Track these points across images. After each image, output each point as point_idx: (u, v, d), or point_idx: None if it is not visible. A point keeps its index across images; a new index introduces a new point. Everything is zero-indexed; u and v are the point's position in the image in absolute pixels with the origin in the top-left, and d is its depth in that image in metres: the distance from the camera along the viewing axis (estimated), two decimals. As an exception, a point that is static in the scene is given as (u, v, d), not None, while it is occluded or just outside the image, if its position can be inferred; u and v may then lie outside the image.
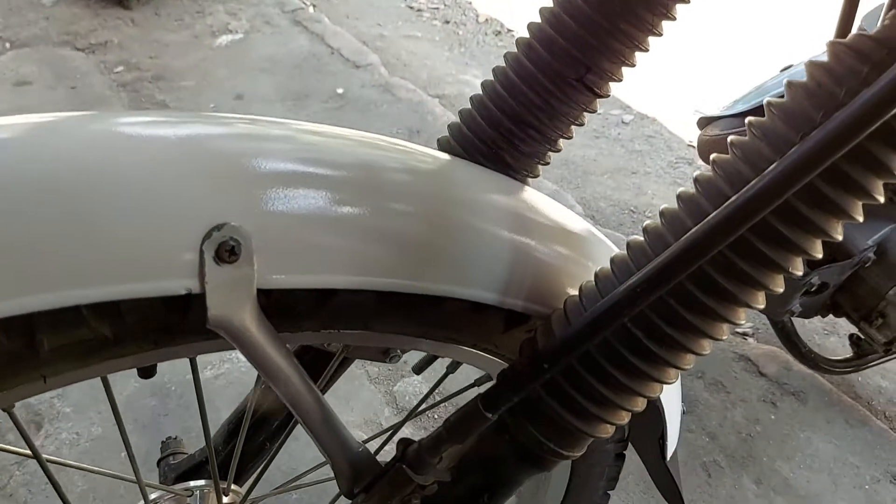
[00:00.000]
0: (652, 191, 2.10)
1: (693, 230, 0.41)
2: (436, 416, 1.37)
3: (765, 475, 1.30)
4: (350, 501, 0.53)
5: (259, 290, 0.40)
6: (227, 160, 0.40)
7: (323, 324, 0.47)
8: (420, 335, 0.51)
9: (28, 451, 0.54)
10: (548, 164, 0.60)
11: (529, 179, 0.60)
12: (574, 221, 0.57)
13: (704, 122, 1.10)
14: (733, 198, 0.40)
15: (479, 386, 0.68)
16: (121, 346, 0.41)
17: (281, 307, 0.44)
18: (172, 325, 0.41)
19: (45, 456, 0.55)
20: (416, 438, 0.51)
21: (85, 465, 0.58)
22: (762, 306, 0.44)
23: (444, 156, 0.54)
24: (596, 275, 0.48)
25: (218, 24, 2.83)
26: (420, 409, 0.69)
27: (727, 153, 0.43)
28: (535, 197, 0.56)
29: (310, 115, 2.35)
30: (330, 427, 0.49)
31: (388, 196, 0.45)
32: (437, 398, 1.34)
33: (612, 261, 0.48)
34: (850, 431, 1.38)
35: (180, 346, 0.43)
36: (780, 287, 0.44)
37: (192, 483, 0.72)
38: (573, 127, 0.58)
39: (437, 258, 0.47)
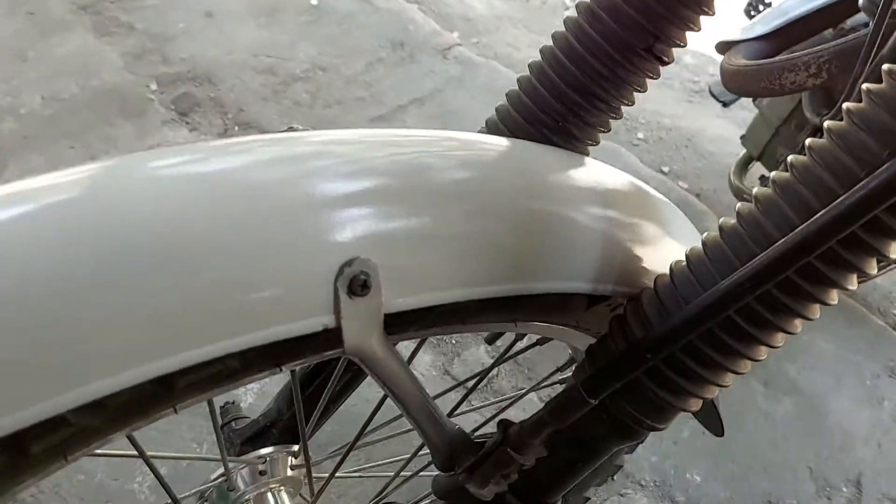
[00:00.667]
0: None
1: (803, 227, 0.42)
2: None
3: (772, 377, 1.37)
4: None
5: (382, 314, 0.41)
6: (327, 189, 0.39)
7: (424, 326, 0.48)
8: (510, 321, 0.53)
9: (134, 452, 0.55)
10: (609, 131, 0.60)
11: (590, 148, 0.59)
12: (646, 192, 0.58)
13: (724, 47, 1.08)
14: (846, 194, 0.40)
15: (561, 371, 0.69)
16: (247, 373, 0.42)
17: (392, 320, 0.44)
18: (298, 350, 0.42)
19: (149, 453, 0.57)
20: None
21: (182, 455, 0.60)
22: (854, 287, 0.46)
23: (504, 141, 0.52)
24: (687, 257, 0.49)
25: (174, -67, 2.66)
26: (490, 369, 0.70)
27: (755, 85, 0.43)
28: (606, 171, 0.56)
29: (284, 31, 2.26)
30: (430, 415, 0.51)
31: (477, 200, 0.45)
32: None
33: (705, 244, 0.48)
34: (850, 331, 1.45)
35: (299, 364, 0.44)
36: (874, 269, 0.45)
37: (263, 451, 0.75)
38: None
39: (533, 256, 0.47)
